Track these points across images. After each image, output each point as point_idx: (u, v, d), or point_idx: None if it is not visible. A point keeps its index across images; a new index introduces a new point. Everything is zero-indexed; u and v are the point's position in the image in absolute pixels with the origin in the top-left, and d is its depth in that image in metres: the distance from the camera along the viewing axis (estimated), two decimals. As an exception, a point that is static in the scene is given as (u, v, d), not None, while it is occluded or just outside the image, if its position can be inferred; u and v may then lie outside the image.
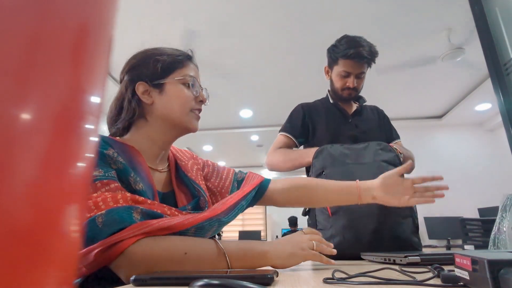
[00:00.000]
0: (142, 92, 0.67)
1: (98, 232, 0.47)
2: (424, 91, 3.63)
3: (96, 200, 0.49)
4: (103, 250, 0.47)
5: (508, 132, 1.06)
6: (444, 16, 2.46)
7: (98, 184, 0.52)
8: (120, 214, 0.49)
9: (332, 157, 1.02)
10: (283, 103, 3.98)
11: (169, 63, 0.68)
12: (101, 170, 0.54)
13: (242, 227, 7.05)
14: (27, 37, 0.13)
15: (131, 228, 0.49)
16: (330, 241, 0.89)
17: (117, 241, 0.47)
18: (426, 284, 0.35)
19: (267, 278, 0.39)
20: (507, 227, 0.64)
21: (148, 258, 0.49)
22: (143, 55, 0.70)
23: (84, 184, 0.16)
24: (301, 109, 1.33)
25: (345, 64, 1.21)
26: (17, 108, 0.12)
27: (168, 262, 0.50)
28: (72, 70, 0.15)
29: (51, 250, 0.14)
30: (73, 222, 0.15)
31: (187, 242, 0.54)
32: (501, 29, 1.12)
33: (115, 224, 0.48)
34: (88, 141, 0.16)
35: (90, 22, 0.16)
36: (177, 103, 0.67)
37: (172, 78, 0.68)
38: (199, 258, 0.53)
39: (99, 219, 0.47)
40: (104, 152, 0.56)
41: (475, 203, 3.92)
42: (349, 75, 1.23)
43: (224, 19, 2.48)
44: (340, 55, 1.21)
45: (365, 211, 0.88)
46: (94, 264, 0.47)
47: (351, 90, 1.25)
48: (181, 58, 0.70)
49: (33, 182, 0.13)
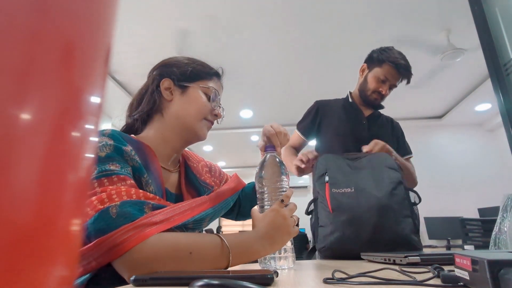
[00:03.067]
0: (165, 88, 0.71)
1: (111, 223, 0.47)
2: (424, 91, 3.63)
3: (110, 193, 0.49)
4: (111, 244, 0.46)
5: (508, 132, 1.06)
6: (444, 16, 2.46)
7: (115, 179, 0.52)
8: (133, 207, 0.49)
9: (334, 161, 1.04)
10: (283, 104, 3.99)
11: (199, 70, 0.73)
12: (118, 165, 0.55)
13: (242, 227, 7.05)
14: (27, 37, 0.13)
15: (140, 220, 0.48)
16: (330, 237, 0.90)
17: (125, 237, 0.46)
18: (426, 284, 0.35)
19: (267, 278, 0.39)
20: (507, 227, 0.64)
21: (152, 259, 0.48)
22: (178, 58, 0.75)
23: (84, 184, 0.16)
24: (315, 105, 1.37)
25: (389, 71, 1.23)
26: (17, 108, 0.12)
27: (173, 262, 0.50)
28: (72, 70, 0.15)
29: (51, 249, 0.14)
30: (73, 222, 0.15)
31: (191, 241, 0.53)
32: (501, 29, 1.12)
33: (128, 217, 0.48)
34: (88, 141, 0.16)
35: (90, 21, 0.16)
36: (194, 107, 0.71)
37: (197, 85, 0.72)
38: (203, 257, 0.53)
39: (113, 210, 0.48)
40: (123, 148, 0.57)
41: (475, 203, 3.92)
42: (386, 82, 1.24)
43: (224, 19, 2.48)
44: (389, 60, 1.22)
45: (366, 208, 0.89)
46: (106, 256, 0.46)
47: (379, 96, 1.27)
48: (211, 71, 0.75)
49: (33, 182, 0.13)
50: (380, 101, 1.30)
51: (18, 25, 0.13)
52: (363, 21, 2.51)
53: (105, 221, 0.47)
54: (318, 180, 1.01)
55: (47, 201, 0.13)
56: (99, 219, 0.47)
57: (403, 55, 1.24)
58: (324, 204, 0.95)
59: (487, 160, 4.18)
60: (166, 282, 0.40)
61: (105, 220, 0.47)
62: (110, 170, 0.53)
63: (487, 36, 1.14)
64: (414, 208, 0.95)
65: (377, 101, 1.28)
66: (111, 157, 0.55)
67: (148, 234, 0.48)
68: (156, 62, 0.77)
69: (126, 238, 0.46)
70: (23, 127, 0.13)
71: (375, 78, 1.26)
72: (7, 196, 0.12)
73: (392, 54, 1.23)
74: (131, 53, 2.79)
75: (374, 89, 1.26)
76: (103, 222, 0.47)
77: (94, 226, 0.47)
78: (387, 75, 1.23)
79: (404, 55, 1.25)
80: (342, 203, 0.91)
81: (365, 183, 0.94)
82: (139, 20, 2.47)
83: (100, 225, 0.47)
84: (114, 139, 0.57)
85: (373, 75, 1.27)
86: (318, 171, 1.03)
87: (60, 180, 0.14)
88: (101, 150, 0.54)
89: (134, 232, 0.47)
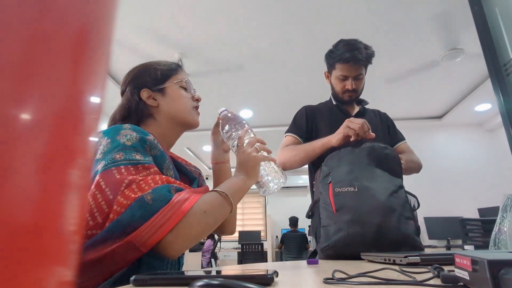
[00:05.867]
0: (147, 97, 0.76)
1: (149, 208, 0.52)
2: (424, 92, 3.63)
3: (139, 183, 0.55)
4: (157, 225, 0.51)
5: (508, 132, 1.06)
6: (444, 16, 2.46)
7: (140, 168, 0.58)
8: (163, 191, 0.55)
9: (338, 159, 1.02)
10: (283, 104, 3.99)
11: (166, 70, 0.79)
12: (141, 155, 0.60)
13: (242, 227, 7.05)
14: (27, 37, 0.13)
15: (173, 200, 0.55)
16: (334, 236, 0.89)
17: (168, 216, 0.53)
18: (426, 284, 0.35)
19: (267, 278, 0.39)
20: (507, 227, 0.64)
21: (190, 231, 0.56)
22: (142, 67, 0.80)
23: (84, 184, 0.16)
24: (304, 111, 1.36)
25: (342, 68, 1.23)
26: (17, 108, 0.12)
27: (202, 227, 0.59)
28: (72, 70, 0.15)
29: (51, 250, 0.14)
30: (73, 222, 0.15)
31: (201, 203, 0.59)
32: (501, 29, 1.12)
33: (163, 199, 0.54)
34: (88, 141, 0.16)
35: (90, 21, 0.16)
36: (180, 103, 0.78)
37: (171, 82, 0.78)
38: (216, 211, 0.61)
39: (147, 197, 0.53)
40: (147, 138, 0.63)
41: (475, 203, 3.92)
42: (347, 78, 1.25)
43: (224, 19, 2.48)
44: (337, 60, 1.23)
45: (370, 208, 0.88)
46: (153, 239, 0.51)
47: (351, 92, 1.26)
48: (174, 66, 0.82)
49: (33, 182, 0.13)
50: (357, 95, 1.29)
51: (18, 25, 0.13)
52: (363, 22, 2.51)
53: (143, 208, 0.52)
54: (322, 181, 1.01)
55: (46, 201, 0.13)
56: (136, 207, 0.51)
57: (351, 44, 1.21)
58: (327, 204, 0.95)
59: (487, 160, 4.18)
60: (166, 282, 0.40)
61: (143, 207, 0.52)
62: (135, 160, 0.58)
63: (487, 36, 1.14)
64: (414, 213, 0.95)
65: (352, 97, 1.28)
66: (136, 147, 0.60)
67: (184, 210, 0.55)
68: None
69: (169, 217, 0.53)
70: (22, 126, 0.13)
71: (336, 79, 1.28)
72: (6, 196, 0.12)
73: (338, 51, 1.23)
74: (131, 54, 2.80)
75: (342, 89, 1.27)
76: (142, 209, 0.52)
77: (133, 213, 0.51)
78: (344, 72, 1.24)
79: (354, 42, 1.22)
80: (345, 203, 0.91)
81: (368, 182, 0.93)
82: (140, 21, 2.47)
83: (139, 212, 0.51)
84: (136, 131, 0.63)
85: (334, 78, 1.29)
86: (322, 173, 1.03)
87: (60, 180, 0.14)
88: (128, 140, 0.60)
89: (174, 210, 0.54)
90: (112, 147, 0.58)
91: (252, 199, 7.12)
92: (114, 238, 0.50)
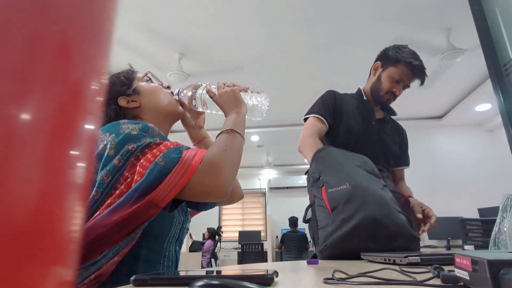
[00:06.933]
0: (126, 103, 0.78)
1: (162, 169, 0.55)
2: (424, 92, 3.62)
3: (153, 152, 0.58)
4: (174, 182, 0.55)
5: (508, 132, 1.06)
6: (444, 16, 2.46)
7: (153, 146, 0.60)
8: (174, 152, 0.59)
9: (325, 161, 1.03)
10: (284, 104, 3.99)
11: (127, 73, 0.82)
12: (149, 138, 0.62)
13: (242, 227, 7.04)
14: (27, 37, 0.13)
15: (183, 157, 0.58)
16: (332, 236, 0.89)
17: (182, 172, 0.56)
18: (426, 284, 0.35)
19: (267, 278, 0.39)
20: (507, 227, 0.64)
21: (205, 179, 0.58)
22: (109, 79, 0.83)
23: (84, 183, 0.16)
24: (333, 94, 1.31)
25: (404, 71, 1.19)
26: (17, 108, 0.12)
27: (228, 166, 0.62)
28: (72, 70, 0.15)
29: (51, 249, 0.14)
30: (73, 221, 0.15)
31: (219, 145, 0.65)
32: (501, 29, 1.12)
33: (175, 152, 0.58)
34: (88, 141, 0.16)
35: (90, 21, 0.16)
36: (156, 96, 0.80)
37: (137, 81, 0.81)
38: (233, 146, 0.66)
39: (159, 160, 0.56)
40: (148, 125, 0.65)
41: (475, 203, 3.93)
42: (400, 83, 1.21)
43: (223, 20, 2.48)
44: (405, 61, 1.18)
45: (364, 201, 0.89)
46: (172, 192, 0.55)
47: (392, 96, 1.24)
48: (129, 68, 0.84)
49: (33, 182, 0.13)
50: (393, 101, 1.27)
51: (18, 25, 0.13)
52: (363, 21, 2.51)
53: (157, 170, 0.55)
54: (314, 184, 1.01)
55: (46, 201, 0.13)
56: (151, 173, 0.55)
57: (417, 55, 1.19)
58: (322, 206, 0.95)
59: (487, 160, 4.18)
60: (166, 282, 0.40)
61: (157, 170, 0.55)
62: (147, 142, 0.61)
63: (487, 36, 1.14)
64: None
65: (390, 101, 1.26)
66: (142, 133, 0.62)
67: (196, 163, 0.58)
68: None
69: (182, 173, 0.56)
70: (22, 126, 0.13)
71: (390, 78, 1.22)
72: (7, 196, 0.12)
73: (407, 54, 1.19)
74: (130, 54, 2.79)
75: (388, 90, 1.23)
76: (156, 172, 0.55)
77: (149, 179, 0.54)
78: (402, 76, 1.19)
79: (418, 55, 1.20)
80: (340, 201, 0.92)
81: (359, 179, 0.95)
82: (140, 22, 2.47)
83: (154, 176, 0.54)
84: (134, 123, 0.65)
85: (387, 75, 1.23)
86: (312, 178, 1.03)
87: (60, 180, 0.14)
88: (132, 130, 0.62)
89: (187, 166, 0.57)
90: (121, 140, 0.60)
91: (252, 199, 7.12)
92: (135, 200, 0.54)
